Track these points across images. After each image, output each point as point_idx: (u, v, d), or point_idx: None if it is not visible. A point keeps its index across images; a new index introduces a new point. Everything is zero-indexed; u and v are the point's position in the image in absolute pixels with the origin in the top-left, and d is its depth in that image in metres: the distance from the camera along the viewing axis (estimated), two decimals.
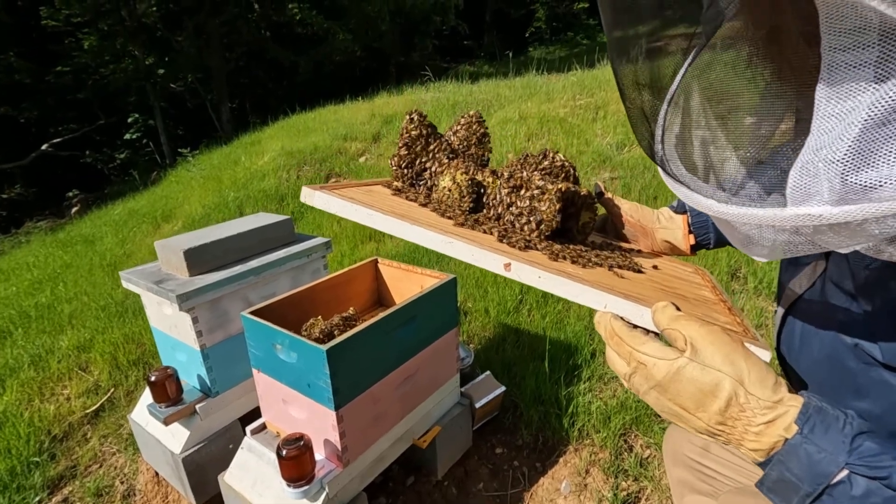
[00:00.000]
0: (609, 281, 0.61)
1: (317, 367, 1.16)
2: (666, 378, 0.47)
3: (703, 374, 0.46)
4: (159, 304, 1.58)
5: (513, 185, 0.76)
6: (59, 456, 2.08)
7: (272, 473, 1.31)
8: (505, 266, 0.60)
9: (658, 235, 0.90)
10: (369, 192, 0.82)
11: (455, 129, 0.94)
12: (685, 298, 0.64)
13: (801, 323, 0.58)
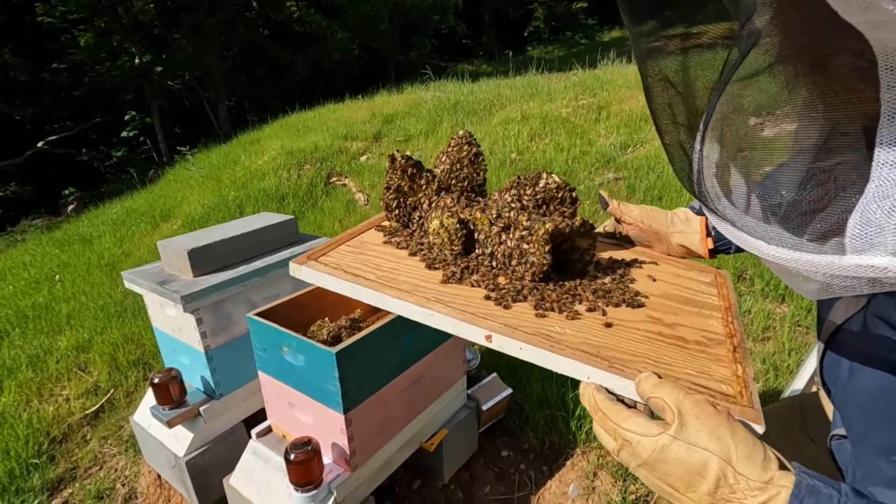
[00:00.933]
0: (597, 339, 0.60)
1: (325, 369, 1.15)
2: (652, 457, 0.46)
3: (688, 454, 0.44)
4: (162, 306, 1.55)
5: (501, 225, 0.75)
6: (59, 458, 2.05)
7: (278, 477, 1.29)
8: (486, 338, 0.59)
9: (673, 240, 0.87)
10: (360, 245, 0.81)
11: (447, 150, 0.92)
12: (684, 344, 0.61)
13: (847, 356, 0.56)
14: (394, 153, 0.86)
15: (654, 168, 2.77)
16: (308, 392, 1.23)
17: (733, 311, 0.69)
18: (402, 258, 0.77)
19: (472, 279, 0.71)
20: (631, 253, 0.88)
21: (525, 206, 0.80)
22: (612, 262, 0.82)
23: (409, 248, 0.80)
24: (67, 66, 12.72)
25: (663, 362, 0.57)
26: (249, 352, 1.56)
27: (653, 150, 2.93)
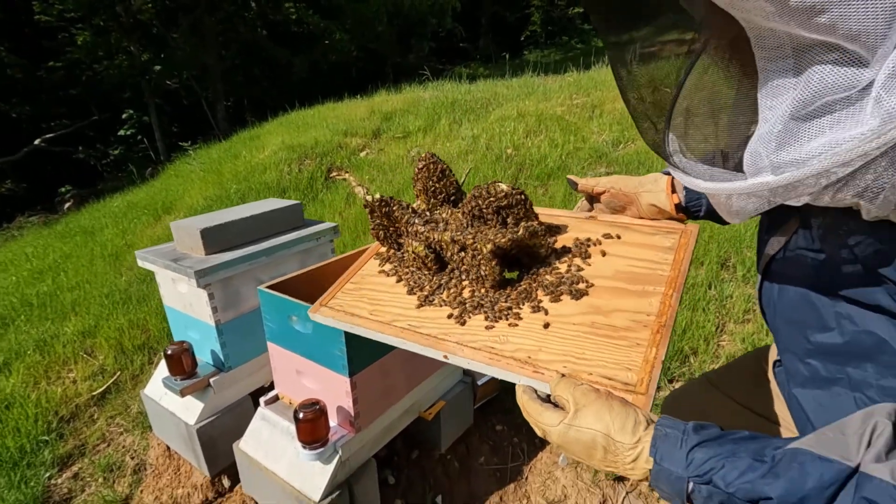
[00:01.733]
0: (532, 344, 0.74)
1: (333, 336, 1.23)
2: (559, 440, 0.59)
3: (581, 434, 0.57)
4: (174, 283, 1.63)
5: (458, 247, 0.90)
6: (67, 435, 2.12)
7: (286, 441, 1.37)
8: (444, 357, 0.77)
9: (643, 200, 0.93)
10: (360, 280, 1.00)
11: (417, 174, 1.05)
12: (612, 332, 0.72)
13: (777, 280, 0.67)
14: (366, 199, 1.01)
15: (643, 163, 2.87)
16: (315, 358, 1.31)
17: (677, 283, 0.78)
18: (390, 286, 0.95)
19: (441, 297, 0.87)
20: (601, 227, 0.96)
21: (484, 216, 0.92)
22: (576, 243, 0.92)
23: (396, 274, 0.97)
24: (64, 65, 12.74)
25: (583, 358, 0.69)
26: (256, 327, 1.65)
27: (642, 146, 3.04)
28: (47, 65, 12.64)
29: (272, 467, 1.36)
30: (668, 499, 0.53)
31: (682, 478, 0.50)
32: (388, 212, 1.01)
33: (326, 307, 0.95)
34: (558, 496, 1.59)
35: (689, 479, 0.49)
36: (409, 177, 3.36)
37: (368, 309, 0.90)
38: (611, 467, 0.56)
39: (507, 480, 1.65)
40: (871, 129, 0.37)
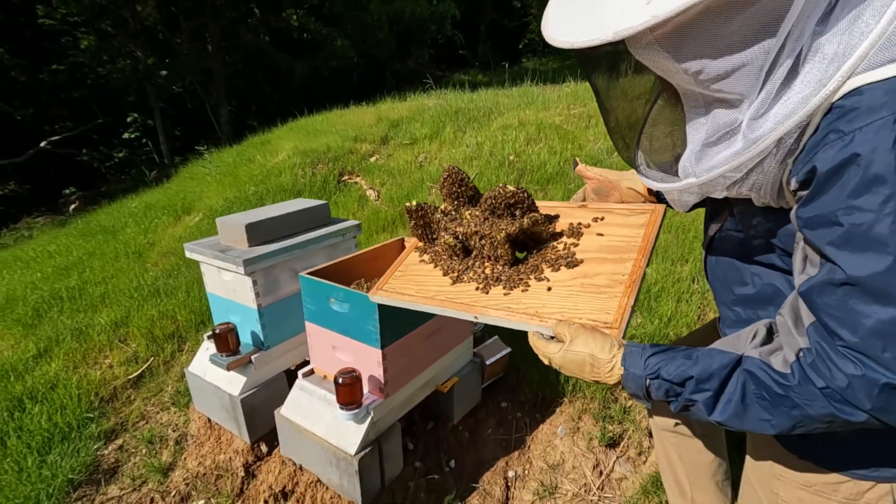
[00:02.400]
0: (538, 302, 0.97)
1: (367, 314, 1.45)
2: (559, 361, 0.82)
3: (574, 356, 0.79)
4: (219, 272, 1.85)
5: (479, 237, 1.15)
6: (109, 413, 2.32)
7: (323, 406, 1.59)
8: (475, 318, 1.01)
9: (624, 185, 1.19)
10: (405, 269, 1.24)
11: (442, 183, 1.29)
12: (597, 290, 0.95)
13: (715, 253, 0.91)
14: (406, 205, 1.25)
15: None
16: (351, 334, 1.53)
17: (646, 250, 1.01)
18: (429, 271, 1.20)
19: (469, 276, 1.12)
20: (589, 213, 1.20)
21: (497, 211, 1.17)
22: (570, 227, 1.16)
23: (433, 262, 1.22)
24: (66, 68, 12.92)
25: (575, 309, 0.93)
26: (290, 312, 1.87)
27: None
28: (50, 67, 12.82)
29: (311, 428, 1.57)
30: (634, 395, 0.76)
31: (641, 377, 0.73)
32: (422, 214, 1.26)
33: (382, 290, 1.18)
34: (557, 461, 1.81)
35: (646, 377, 0.72)
36: (417, 180, 3.59)
37: (415, 289, 1.15)
38: (596, 377, 0.79)
39: (511, 448, 1.87)
40: (737, 150, 0.60)
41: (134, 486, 1.95)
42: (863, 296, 0.55)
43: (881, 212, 0.52)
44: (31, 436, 2.14)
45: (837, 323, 0.58)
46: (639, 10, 0.55)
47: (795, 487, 0.80)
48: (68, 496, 1.91)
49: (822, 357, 0.59)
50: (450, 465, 1.80)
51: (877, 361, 0.55)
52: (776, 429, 0.64)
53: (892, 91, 0.51)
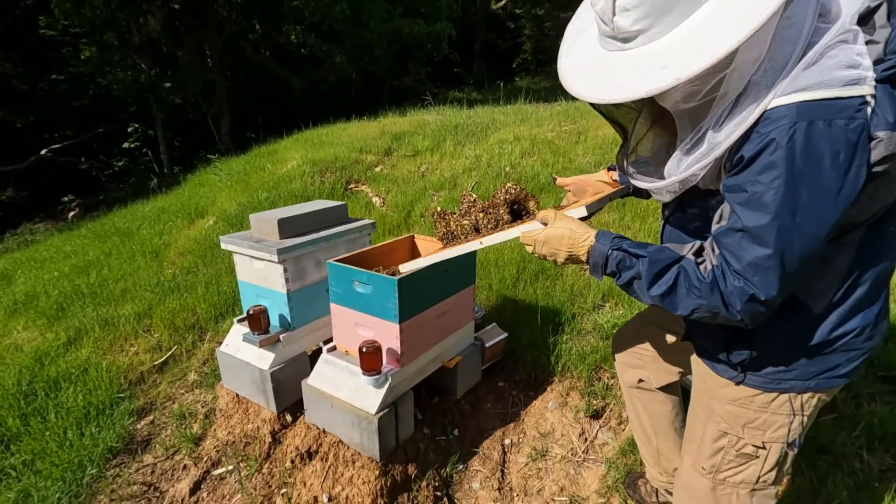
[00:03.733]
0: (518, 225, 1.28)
1: (388, 293, 1.71)
2: (543, 238, 1.06)
3: (557, 231, 1.04)
4: (251, 261, 2.09)
5: (484, 214, 1.48)
6: (139, 394, 2.53)
7: (345, 376, 1.83)
8: (480, 243, 1.32)
9: (593, 180, 1.47)
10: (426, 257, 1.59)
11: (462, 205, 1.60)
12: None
13: (669, 225, 1.18)
14: (433, 210, 1.60)
15: None
16: (372, 312, 1.78)
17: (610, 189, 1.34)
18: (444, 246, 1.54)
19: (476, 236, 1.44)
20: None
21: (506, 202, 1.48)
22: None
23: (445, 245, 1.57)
24: (66, 78, 13.16)
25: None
26: (314, 297, 2.12)
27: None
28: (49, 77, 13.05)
29: (336, 394, 1.81)
30: (594, 266, 1.01)
31: (606, 248, 0.99)
32: (444, 216, 1.58)
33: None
34: (548, 430, 2.05)
35: (610, 248, 0.98)
36: (419, 189, 3.87)
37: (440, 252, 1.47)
38: (571, 248, 1.04)
39: (508, 420, 2.12)
40: (703, 152, 0.86)
41: (167, 455, 2.16)
42: (748, 239, 0.82)
43: (770, 186, 0.79)
44: (68, 412, 2.35)
45: (731, 255, 0.85)
46: (659, 73, 0.79)
47: (725, 402, 1.06)
48: (108, 462, 2.12)
49: (722, 272, 0.87)
50: (454, 434, 2.04)
51: (750, 282, 0.83)
52: (685, 309, 0.91)
53: (792, 109, 0.78)
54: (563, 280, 2.79)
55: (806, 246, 0.81)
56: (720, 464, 1.09)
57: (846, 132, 0.75)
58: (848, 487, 1.59)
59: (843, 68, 0.76)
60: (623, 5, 0.80)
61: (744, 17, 0.72)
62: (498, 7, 20.22)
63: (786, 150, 0.77)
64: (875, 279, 0.94)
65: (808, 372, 0.99)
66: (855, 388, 1.91)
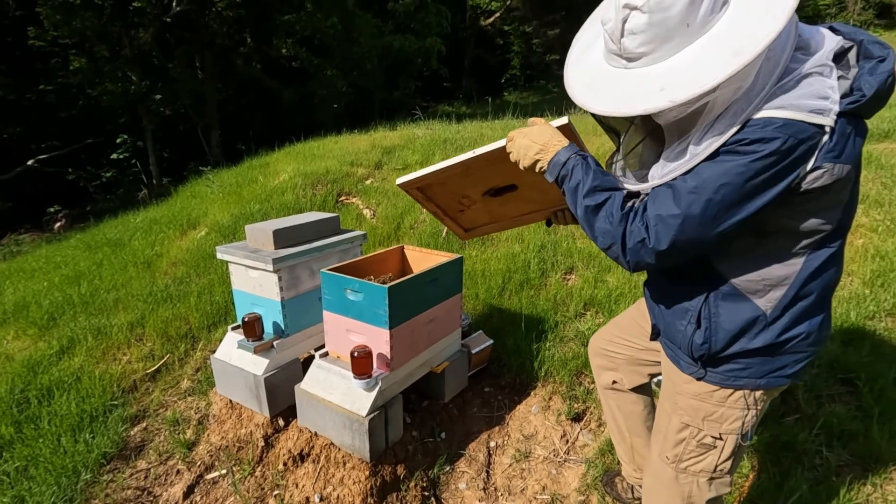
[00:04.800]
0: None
1: (378, 300, 1.80)
2: (525, 131, 1.15)
3: (538, 129, 1.14)
4: (247, 270, 2.18)
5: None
6: (131, 401, 2.57)
7: (338, 380, 1.91)
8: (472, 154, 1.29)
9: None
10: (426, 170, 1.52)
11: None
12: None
13: None
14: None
15: None
16: (363, 318, 1.87)
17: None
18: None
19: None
20: None
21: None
22: None
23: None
24: (55, 88, 13.14)
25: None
26: (307, 305, 2.20)
27: None
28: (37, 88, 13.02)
29: (328, 398, 1.89)
30: (554, 164, 1.10)
31: (569, 154, 1.09)
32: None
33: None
34: (531, 432, 2.15)
35: (574, 154, 1.09)
36: (410, 201, 3.98)
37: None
38: (544, 145, 1.12)
39: (493, 423, 2.21)
40: (684, 161, 0.95)
41: (160, 460, 2.21)
42: (670, 196, 0.94)
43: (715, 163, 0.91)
44: (62, 420, 2.38)
45: (651, 203, 0.97)
46: (657, 95, 0.88)
47: (688, 397, 1.17)
48: (102, 468, 2.16)
49: (635, 213, 0.99)
50: (441, 436, 2.12)
51: (649, 229, 0.96)
52: (596, 230, 1.03)
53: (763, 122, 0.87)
54: (546, 290, 2.91)
55: (706, 223, 0.92)
56: (682, 453, 1.19)
57: (791, 152, 0.86)
58: (808, 482, 1.70)
59: (814, 98, 0.86)
60: (631, 29, 0.90)
61: (734, 53, 0.84)
62: (487, 24, 20.65)
63: (740, 146, 0.89)
64: (822, 290, 1.04)
65: (761, 371, 1.09)
66: (816, 390, 2.04)
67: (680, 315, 1.13)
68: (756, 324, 1.06)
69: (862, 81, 0.88)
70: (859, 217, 3.21)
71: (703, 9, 0.87)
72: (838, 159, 0.89)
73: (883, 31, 16.15)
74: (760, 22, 0.84)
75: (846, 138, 0.89)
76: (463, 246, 3.46)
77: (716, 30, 0.88)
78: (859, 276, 2.76)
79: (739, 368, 1.10)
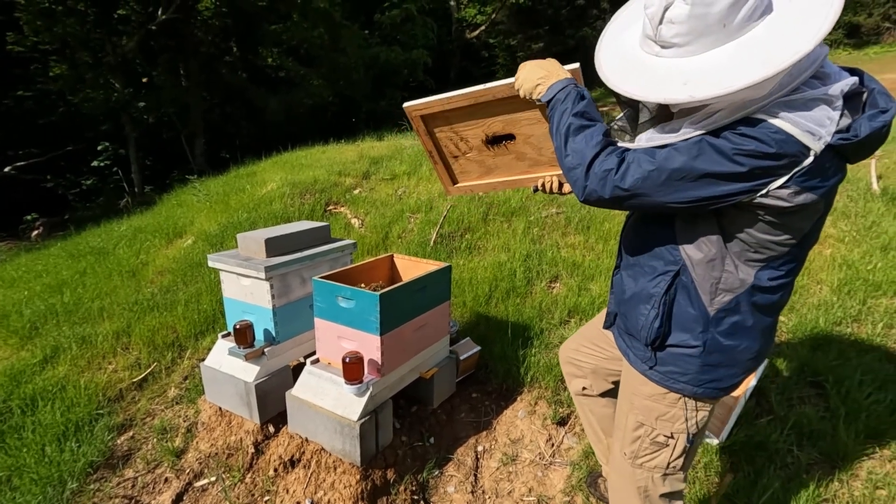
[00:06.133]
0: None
1: (370, 307, 1.85)
2: (536, 61, 1.20)
3: (546, 61, 1.20)
4: (238, 278, 2.21)
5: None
6: (118, 410, 2.56)
7: (329, 385, 1.95)
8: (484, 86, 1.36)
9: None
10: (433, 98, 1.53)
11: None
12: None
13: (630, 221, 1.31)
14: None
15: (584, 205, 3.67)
16: (355, 325, 1.91)
17: None
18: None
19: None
20: None
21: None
22: None
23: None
24: (34, 95, 12.93)
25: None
26: (298, 313, 2.23)
27: None
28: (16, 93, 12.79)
29: (320, 403, 1.92)
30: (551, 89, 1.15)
31: (571, 83, 1.15)
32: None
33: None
34: (518, 436, 2.20)
35: (571, 84, 1.15)
36: (397, 211, 4.04)
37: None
38: (547, 75, 1.18)
39: (481, 428, 2.26)
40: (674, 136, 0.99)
41: (148, 469, 2.20)
42: (650, 153, 0.99)
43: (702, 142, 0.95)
44: (46, 429, 2.36)
45: (634, 149, 1.03)
46: (679, 87, 0.92)
47: (643, 398, 1.24)
48: (88, 477, 2.15)
49: (614, 148, 1.05)
50: (430, 441, 2.16)
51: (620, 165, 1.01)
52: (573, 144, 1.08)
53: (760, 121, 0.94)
54: (532, 297, 2.98)
55: (672, 181, 0.97)
56: (638, 450, 1.27)
57: (775, 157, 0.90)
58: (780, 479, 1.79)
59: (813, 121, 0.91)
60: (671, 18, 0.93)
61: (762, 64, 0.87)
62: (472, 36, 20.96)
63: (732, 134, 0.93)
64: (767, 308, 1.10)
65: (699, 379, 1.15)
66: (787, 392, 2.14)
67: (645, 299, 1.18)
68: (700, 322, 1.11)
69: (860, 124, 0.91)
70: (828, 228, 3.37)
71: (743, 13, 0.89)
72: (808, 188, 0.92)
73: (852, 49, 16.86)
74: (793, 40, 0.87)
75: (823, 171, 0.92)
76: (451, 255, 3.53)
77: (749, 36, 0.91)
78: (828, 284, 2.90)
79: (679, 373, 1.16)
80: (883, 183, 3.81)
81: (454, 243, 3.62)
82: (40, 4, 10.38)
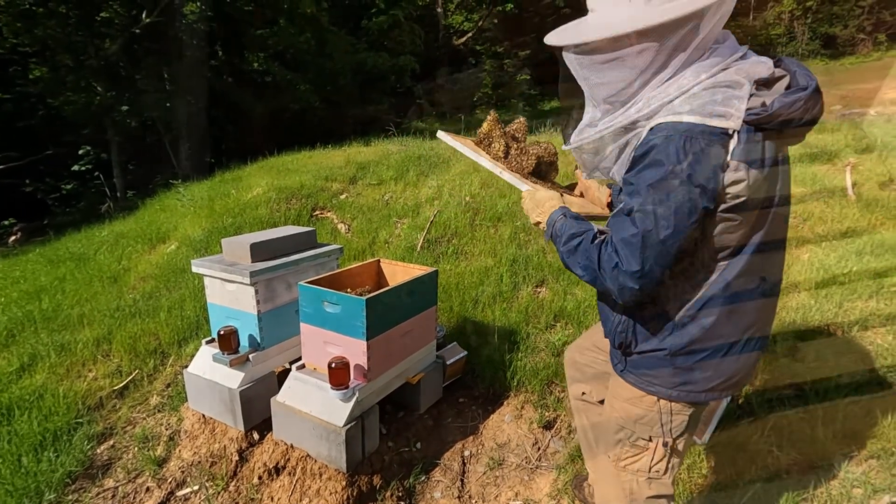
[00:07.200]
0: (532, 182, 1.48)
1: (356, 312, 1.84)
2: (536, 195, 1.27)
3: (542, 194, 1.26)
4: (223, 284, 2.18)
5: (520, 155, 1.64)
6: (98, 419, 2.51)
7: (315, 391, 1.93)
8: (500, 171, 1.45)
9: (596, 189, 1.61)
10: (465, 142, 1.67)
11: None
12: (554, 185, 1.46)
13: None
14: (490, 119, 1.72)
15: None
16: (341, 330, 1.91)
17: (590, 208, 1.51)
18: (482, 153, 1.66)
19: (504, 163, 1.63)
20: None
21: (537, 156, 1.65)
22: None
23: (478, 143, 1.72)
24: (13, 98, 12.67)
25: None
26: (284, 318, 2.22)
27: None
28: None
29: (306, 409, 1.91)
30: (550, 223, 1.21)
31: (556, 216, 1.20)
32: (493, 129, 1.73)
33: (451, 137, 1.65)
34: (504, 441, 2.21)
35: (562, 214, 1.19)
36: (384, 216, 4.04)
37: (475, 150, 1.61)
38: (542, 208, 1.25)
39: (467, 433, 2.26)
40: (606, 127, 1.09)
41: (129, 478, 2.16)
42: (627, 220, 1.03)
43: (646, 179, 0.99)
44: (22, 439, 2.31)
45: (614, 231, 1.06)
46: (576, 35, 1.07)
47: (622, 401, 1.26)
48: (66, 487, 2.10)
49: (605, 243, 1.08)
50: (416, 446, 2.16)
51: (619, 254, 1.04)
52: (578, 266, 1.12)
53: (669, 126, 0.99)
54: (518, 302, 3.00)
55: (666, 231, 0.99)
56: (620, 453, 1.29)
57: (704, 150, 0.96)
58: (762, 480, 1.82)
59: (716, 104, 0.98)
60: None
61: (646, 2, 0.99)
62: (460, 43, 21.12)
63: (661, 154, 0.99)
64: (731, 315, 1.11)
65: (671, 382, 1.17)
66: (768, 394, 2.18)
67: (612, 304, 1.23)
68: (666, 326, 1.14)
69: (775, 102, 0.98)
70: (805, 232, 3.46)
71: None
72: (750, 162, 0.98)
73: (829, 60, 17.33)
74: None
75: (756, 144, 0.99)
76: (438, 260, 3.53)
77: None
78: (805, 288, 2.96)
79: (652, 375, 1.19)
80: (857, 189, 3.91)
81: (441, 248, 3.63)
82: (20, 6, 10.20)
